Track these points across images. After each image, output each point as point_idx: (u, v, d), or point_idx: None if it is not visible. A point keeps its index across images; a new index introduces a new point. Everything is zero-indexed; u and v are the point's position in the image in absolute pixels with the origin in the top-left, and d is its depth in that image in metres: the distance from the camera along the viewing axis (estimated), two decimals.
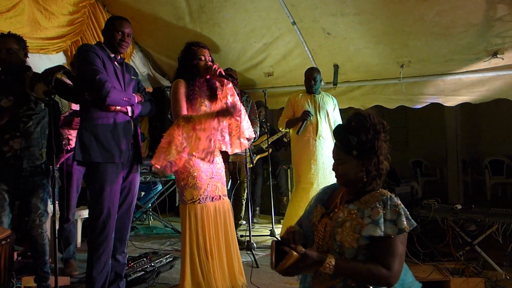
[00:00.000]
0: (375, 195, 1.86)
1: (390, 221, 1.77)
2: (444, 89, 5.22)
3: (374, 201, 1.83)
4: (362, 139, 1.83)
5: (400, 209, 1.79)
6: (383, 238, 1.75)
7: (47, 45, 4.91)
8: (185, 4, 5.35)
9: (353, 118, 1.90)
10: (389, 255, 1.75)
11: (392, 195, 1.85)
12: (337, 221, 1.87)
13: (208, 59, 3.35)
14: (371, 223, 1.78)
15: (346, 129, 1.89)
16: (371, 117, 1.87)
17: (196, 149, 3.12)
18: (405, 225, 1.76)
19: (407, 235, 1.81)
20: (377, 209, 1.79)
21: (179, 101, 3.22)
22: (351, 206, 1.88)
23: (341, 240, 1.82)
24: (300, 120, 4.83)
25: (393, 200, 1.82)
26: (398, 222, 1.76)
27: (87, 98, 3.01)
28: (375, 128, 1.85)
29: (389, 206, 1.79)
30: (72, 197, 4.05)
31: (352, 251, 1.80)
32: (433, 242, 3.92)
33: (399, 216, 1.77)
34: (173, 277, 3.92)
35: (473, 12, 4.27)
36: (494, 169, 8.38)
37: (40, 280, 3.30)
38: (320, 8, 4.84)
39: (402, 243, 1.78)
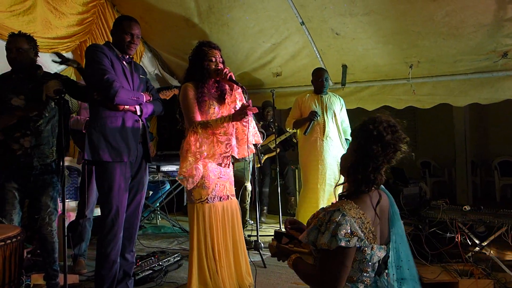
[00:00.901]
0: (334, 204, 1.84)
1: (322, 233, 1.76)
2: (453, 90, 5.20)
3: (328, 209, 1.81)
4: (360, 137, 1.85)
5: (332, 225, 1.73)
6: (319, 250, 1.76)
7: (56, 45, 4.95)
8: (194, 4, 5.37)
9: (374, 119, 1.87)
10: (320, 267, 1.78)
11: (344, 209, 1.76)
12: (308, 221, 1.96)
13: (219, 61, 3.34)
14: (307, 230, 1.83)
15: (364, 122, 1.88)
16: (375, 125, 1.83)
17: (214, 154, 3.17)
18: (323, 241, 1.72)
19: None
20: (317, 219, 1.81)
21: (191, 107, 3.22)
22: (321, 210, 1.91)
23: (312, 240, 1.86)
24: (307, 120, 4.83)
25: (334, 215, 1.75)
26: (323, 237, 1.74)
27: (96, 97, 3.03)
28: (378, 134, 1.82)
29: (328, 219, 1.76)
30: (91, 194, 4.09)
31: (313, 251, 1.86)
32: (442, 243, 3.90)
33: (326, 231, 1.74)
34: (181, 276, 3.93)
35: (482, 12, 4.25)
36: (503, 170, 8.30)
37: (49, 278, 3.33)
38: (329, 8, 4.83)
39: (333, 260, 1.73)
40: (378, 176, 1.86)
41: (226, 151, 3.23)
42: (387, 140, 1.82)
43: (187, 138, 3.18)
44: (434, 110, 5.89)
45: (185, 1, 5.36)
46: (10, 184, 3.21)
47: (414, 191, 4.48)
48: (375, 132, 1.81)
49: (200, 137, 3.12)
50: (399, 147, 1.85)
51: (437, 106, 5.44)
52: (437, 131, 9.18)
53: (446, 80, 5.22)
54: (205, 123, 3.15)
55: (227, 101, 3.34)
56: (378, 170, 1.85)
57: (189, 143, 3.13)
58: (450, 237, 3.90)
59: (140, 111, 3.18)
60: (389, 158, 1.85)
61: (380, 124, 1.84)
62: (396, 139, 1.84)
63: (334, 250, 1.70)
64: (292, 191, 6.74)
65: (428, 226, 3.98)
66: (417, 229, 3.91)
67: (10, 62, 3.28)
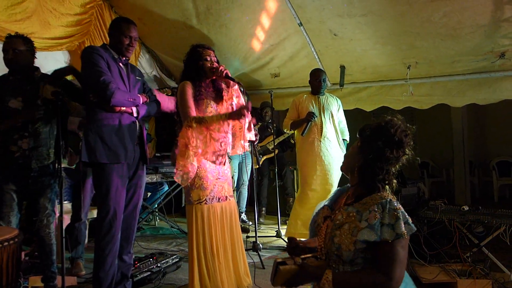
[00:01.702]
0: (375, 197, 1.84)
1: (388, 225, 1.74)
2: (451, 90, 5.21)
3: (373, 204, 1.81)
4: (367, 136, 1.88)
5: (399, 213, 1.76)
6: (382, 243, 1.73)
7: (54, 45, 4.94)
8: (192, 5, 5.36)
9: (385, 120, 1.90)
10: (389, 261, 1.72)
11: (392, 198, 1.82)
12: (335, 223, 1.86)
13: (214, 60, 3.36)
14: (367, 227, 1.76)
15: (371, 124, 1.91)
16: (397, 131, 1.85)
17: (207, 152, 3.16)
18: (402, 230, 1.72)
19: (409, 239, 1.79)
20: (374, 213, 1.77)
21: (187, 102, 3.22)
22: (350, 208, 1.87)
23: (339, 242, 1.80)
24: (305, 121, 4.83)
25: (392, 204, 1.78)
26: (396, 227, 1.73)
27: (92, 99, 3.03)
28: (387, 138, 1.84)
29: (388, 210, 1.77)
30: (86, 196, 4.08)
31: (349, 254, 1.78)
32: (440, 243, 3.90)
33: (397, 221, 1.74)
34: (179, 277, 3.93)
35: (480, 13, 4.25)
36: (501, 170, 8.33)
37: (47, 280, 3.32)
38: (327, 9, 4.83)
39: (402, 248, 1.74)
40: (392, 178, 1.90)
41: (220, 149, 3.22)
42: (405, 145, 1.86)
43: (182, 132, 3.13)
44: (432, 111, 5.90)
45: (183, 2, 5.35)
46: (8, 186, 3.20)
47: (412, 192, 4.47)
48: (397, 138, 1.84)
49: (195, 132, 3.10)
50: (406, 152, 1.89)
51: (435, 106, 5.46)
52: (435, 132, 9.20)
53: (444, 81, 5.24)
54: (201, 118, 3.14)
55: (225, 98, 3.35)
56: (389, 172, 1.89)
57: (187, 137, 3.08)
58: (448, 237, 3.90)
59: (136, 113, 3.18)
60: (398, 161, 1.89)
61: (399, 129, 1.87)
62: (407, 144, 1.88)
63: (406, 238, 1.73)
64: (290, 192, 6.74)
65: (426, 226, 3.98)
66: None
67: (7, 63, 3.28)
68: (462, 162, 8.06)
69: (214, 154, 3.22)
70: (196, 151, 3.09)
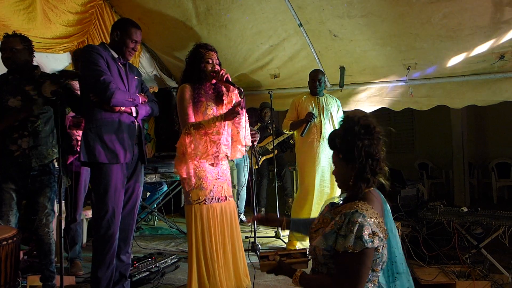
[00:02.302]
0: (348, 206, 1.82)
1: (343, 236, 1.74)
2: (450, 92, 5.21)
3: (341, 212, 1.80)
4: (344, 142, 1.85)
5: (354, 227, 1.72)
6: (339, 253, 1.73)
7: (54, 45, 4.93)
8: (192, 6, 5.37)
9: (343, 119, 1.91)
10: (340, 272, 1.75)
11: (361, 210, 1.77)
12: (312, 226, 1.93)
13: (216, 63, 3.35)
14: (323, 235, 1.80)
15: (335, 131, 1.92)
16: (359, 120, 1.84)
17: (208, 154, 3.18)
18: (349, 244, 1.70)
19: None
20: (333, 222, 1.79)
21: (186, 109, 3.23)
22: (327, 214, 1.90)
23: (315, 245, 1.84)
24: (304, 122, 4.83)
25: (354, 216, 1.74)
26: (346, 240, 1.72)
27: (93, 99, 3.02)
28: (360, 135, 1.82)
29: (347, 221, 1.75)
30: (80, 198, 4.08)
31: (321, 258, 1.82)
32: (439, 244, 3.91)
33: (349, 234, 1.72)
34: (178, 277, 3.93)
35: (480, 14, 4.26)
36: (500, 172, 8.34)
37: (46, 279, 3.32)
38: (327, 10, 4.84)
39: (359, 263, 1.71)
40: (382, 166, 1.88)
41: (216, 151, 3.23)
42: (372, 125, 1.86)
43: (181, 140, 3.18)
44: (432, 112, 5.91)
45: (183, 3, 5.36)
46: (8, 185, 3.20)
47: (411, 193, 4.47)
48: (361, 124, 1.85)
49: (194, 138, 3.14)
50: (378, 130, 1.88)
51: (434, 108, 5.46)
52: (434, 133, 9.22)
53: (444, 82, 5.24)
54: (198, 124, 3.16)
55: (224, 102, 3.35)
56: (378, 161, 1.86)
57: (184, 145, 3.15)
58: (447, 238, 3.90)
59: (135, 113, 3.17)
60: (380, 142, 1.88)
61: (356, 117, 1.88)
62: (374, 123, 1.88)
63: (358, 252, 1.70)
64: (289, 192, 6.74)
65: (425, 227, 3.99)
66: (414, 231, 3.91)
67: (5, 62, 3.28)
68: (462, 164, 8.07)
69: (212, 156, 3.22)
70: (193, 157, 3.15)
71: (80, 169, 4.01)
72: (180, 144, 3.19)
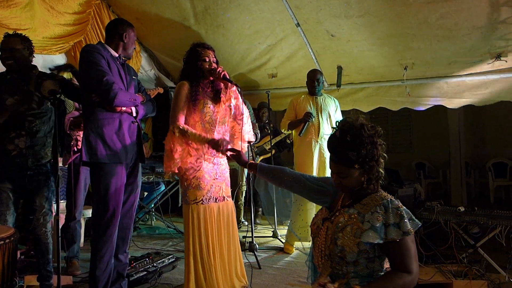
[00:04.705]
0: (375, 198, 1.86)
1: (394, 225, 1.77)
2: (447, 91, 5.23)
3: (374, 205, 1.83)
4: (362, 154, 1.83)
5: (402, 212, 1.79)
6: (392, 243, 1.76)
7: (50, 45, 4.91)
8: (190, 5, 5.36)
9: (348, 131, 1.86)
10: (405, 258, 1.77)
11: (392, 197, 1.85)
12: (337, 225, 1.89)
13: (213, 61, 3.36)
14: (371, 229, 1.79)
15: (343, 144, 1.85)
16: (365, 128, 1.86)
17: (184, 163, 3.23)
18: (409, 228, 1.76)
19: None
20: (377, 215, 1.80)
21: (178, 106, 3.25)
22: (352, 210, 1.90)
23: (342, 244, 1.83)
24: (302, 121, 4.83)
25: (394, 203, 1.82)
26: (401, 226, 1.76)
27: (95, 99, 3.01)
28: (372, 140, 1.85)
29: (391, 210, 1.80)
30: (79, 196, 4.08)
31: (353, 255, 1.82)
32: (436, 244, 3.92)
33: (402, 219, 1.77)
34: (175, 277, 3.93)
35: (477, 14, 4.27)
36: (497, 172, 8.37)
37: (43, 279, 3.31)
38: (324, 10, 4.84)
39: (412, 242, 1.79)
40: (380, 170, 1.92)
41: (195, 165, 3.25)
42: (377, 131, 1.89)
43: (168, 136, 3.24)
44: (429, 112, 5.93)
45: (181, 3, 5.35)
46: (5, 185, 3.19)
47: (408, 192, 4.48)
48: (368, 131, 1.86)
49: (176, 140, 3.19)
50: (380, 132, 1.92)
51: (432, 108, 5.47)
52: (431, 133, 9.24)
53: (441, 82, 5.25)
54: (184, 131, 3.19)
55: (222, 99, 3.35)
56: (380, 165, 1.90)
57: (172, 142, 3.21)
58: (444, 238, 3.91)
59: (136, 112, 3.18)
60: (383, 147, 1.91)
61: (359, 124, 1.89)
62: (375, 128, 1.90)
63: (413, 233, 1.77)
64: (287, 192, 6.73)
65: (422, 227, 3.99)
66: None
67: (4, 62, 3.27)
68: (459, 163, 8.10)
69: (190, 167, 3.25)
70: (179, 158, 3.20)
71: (79, 168, 4.01)
72: (167, 140, 3.24)
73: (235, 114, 3.39)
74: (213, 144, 3.18)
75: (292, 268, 4.17)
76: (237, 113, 3.39)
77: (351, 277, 1.86)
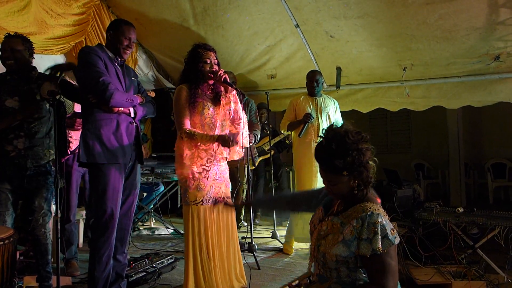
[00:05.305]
0: (358, 209, 1.83)
1: (366, 240, 1.75)
2: (446, 92, 5.23)
3: (354, 217, 1.81)
4: (348, 161, 1.81)
5: (377, 228, 1.75)
6: (367, 257, 1.74)
7: (51, 46, 4.92)
8: (189, 6, 5.37)
9: (333, 139, 1.85)
10: (381, 274, 1.74)
11: (374, 210, 1.80)
12: (320, 233, 1.90)
13: (214, 62, 3.35)
14: (342, 241, 1.79)
15: (329, 153, 1.85)
16: (349, 135, 1.84)
17: (200, 159, 3.22)
18: (378, 246, 1.72)
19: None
20: (351, 228, 1.79)
21: (181, 111, 3.25)
22: (336, 219, 1.89)
23: (324, 251, 1.85)
24: (302, 122, 4.83)
25: (373, 218, 1.78)
26: (372, 242, 1.74)
27: (91, 100, 3.02)
28: (357, 146, 1.83)
29: (367, 224, 1.77)
30: (72, 198, 4.07)
31: (333, 263, 1.83)
32: (435, 245, 3.92)
33: (375, 236, 1.74)
34: (175, 278, 3.93)
35: (475, 15, 4.28)
36: (496, 172, 8.37)
37: (42, 279, 3.31)
38: (323, 11, 4.85)
39: (391, 258, 1.75)
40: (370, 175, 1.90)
41: (206, 165, 3.25)
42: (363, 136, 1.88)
43: (177, 143, 3.25)
44: (428, 113, 5.93)
45: (180, 3, 5.36)
46: (4, 186, 3.19)
47: (407, 193, 4.49)
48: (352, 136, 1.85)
49: (185, 145, 3.19)
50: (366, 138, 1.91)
51: (430, 108, 5.48)
52: (430, 134, 9.24)
53: (440, 83, 5.27)
54: (191, 134, 3.18)
55: (222, 103, 3.34)
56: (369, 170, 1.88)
57: (182, 149, 3.21)
58: (443, 238, 3.91)
59: (134, 113, 3.18)
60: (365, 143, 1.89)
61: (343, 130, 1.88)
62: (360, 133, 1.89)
63: (387, 251, 1.73)
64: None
65: (421, 227, 4.00)
66: (410, 231, 3.92)
67: (4, 62, 3.28)
68: (458, 164, 8.10)
69: (201, 167, 3.24)
70: (188, 162, 3.19)
71: (71, 169, 4.02)
72: (177, 147, 3.25)
73: (233, 119, 3.38)
74: (222, 140, 3.16)
75: (291, 269, 4.17)
76: (236, 117, 3.37)
77: (334, 282, 1.87)
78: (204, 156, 3.22)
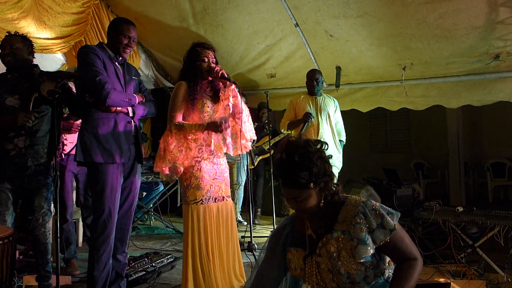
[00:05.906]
0: (350, 208, 1.80)
1: (378, 227, 1.74)
2: (446, 92, 5.23)
3: (353, 216, 1.77)
4: (314, 172, 1.75)
5: (380, 210, 1.76)
6: (386, 243, 1.74)
7: (51, 45, 4.93)
8: (189, 5, 5.37)
9: (294, 151, 1.77)
10: (405, 249, 1.77)
11: (362, 199, 1.80)
12: (332, 256, 1.80)
13: (212, 61, 3.35)
14: (359, 243, 1.74)
15: (292, 166, 1.76)
16: (311, 144, 1.80)
17: (186, 158, 3.18)
18: (393, 224, 1.74)
19: None
20: (359, 226, 1.74)
21: (176, 106, 3.24)
22: (335, 233, 1.80)
23: (347, 270, 1.77)
24: (302, 122, 4.83)
25: (369, 205, 1.77)
26: (385, 225, 1.74)
27: (89, 100, 3.01)
28: (320, 155, 1.80)
29: (369, 213, 1.75)
30: (68, 198, 4.07)
31: (361, 273, 1.77)
32: (435, 244, 3.92)
33: (383, 218, 1.75)
34: (174, 277, 3.92)
35: (475, 15, 4.28)
36: (495, 172, 8.37)
37: (42, 279, 3.31)
38: (323, 10, 4.85)
39: (402, 231, 1.79)
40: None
41: (197, 156, 3.22)
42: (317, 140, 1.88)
43: (164, 136, 3.19)
44: (428, 112, 5.93)
45: (179, 3, 5.36)
46: (4, 185, 3.19)
47: (407, 192, 4.48)
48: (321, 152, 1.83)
49: (174, 139, 3.16)
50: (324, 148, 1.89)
51: (430, 108, 5.48)
52: (430, 133, 9.24)
53: (439, 82, 5.27)
54: (181, 126, 3.16)
55: (221, 98, 3.34)
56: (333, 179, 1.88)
57: (167, 142, 3.16)
58: (443, 238, 3.91)
59: (132, 113, 3.17)
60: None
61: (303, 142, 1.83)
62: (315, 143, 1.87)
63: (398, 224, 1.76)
64: None
65: (421, 227, 4.00)
66: (410, 230, 3.92)
67: (3, 59, 3.28)
68: (457, 163, 8.10)
69: (193, 160, 3.22)
70: (173, 157, 3.14)
71: (64, 170, 4.03)
72: (163, 140, 3.20)
73: (234, 113, 3.37)
74: (212, 126, 3.14)
75: None
76: (235, 111, 3.37)
77: None
78: (194, 146, 3.17)
